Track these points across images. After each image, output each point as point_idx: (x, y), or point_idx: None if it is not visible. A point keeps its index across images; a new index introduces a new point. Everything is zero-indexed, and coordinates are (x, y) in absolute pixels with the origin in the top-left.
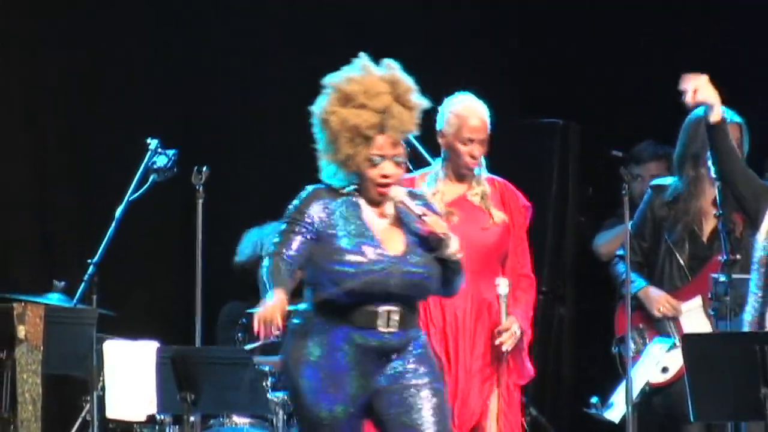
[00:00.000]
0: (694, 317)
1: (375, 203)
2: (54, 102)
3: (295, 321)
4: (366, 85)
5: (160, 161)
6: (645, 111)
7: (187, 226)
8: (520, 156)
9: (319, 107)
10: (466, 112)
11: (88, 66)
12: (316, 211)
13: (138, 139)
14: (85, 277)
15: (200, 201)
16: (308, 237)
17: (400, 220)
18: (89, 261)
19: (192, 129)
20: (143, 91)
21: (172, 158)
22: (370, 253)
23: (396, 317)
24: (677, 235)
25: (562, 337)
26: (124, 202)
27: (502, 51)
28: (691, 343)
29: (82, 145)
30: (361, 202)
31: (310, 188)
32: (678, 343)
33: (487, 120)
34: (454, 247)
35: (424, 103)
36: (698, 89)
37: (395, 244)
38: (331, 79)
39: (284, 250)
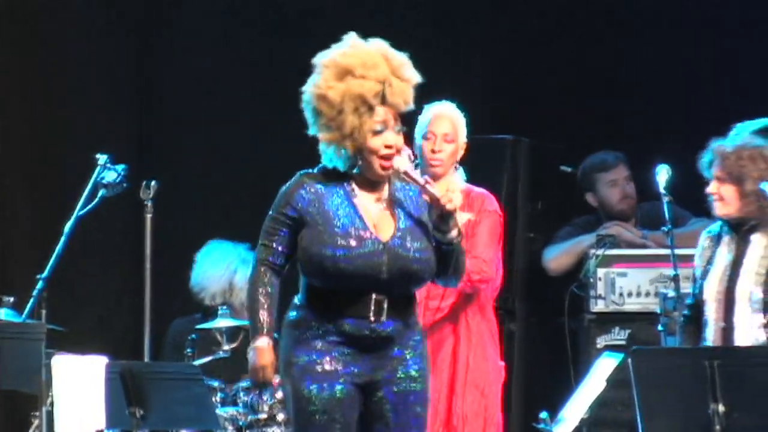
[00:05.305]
0: None
1: (370, 187)
2: (4, 116)
3: (291, 314)
4: (362, 57)
5: (109, 176)
6: (596, 126)
7: (136, 241)
8: (469, 171)
9: (312, 85)
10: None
11: (38, 80)
12: (303, 197)
13: (88, 153)
14: (34, 293)
15: (149, 216)
16: (294, 227)
17: (396, 206)
18: (38, 276)
19: (142, 144)
20: (94, 105)
21: (122, 173)
22: (360, 238)
23: (386, 306)
24: None
25: (511, 353)
26: (73, 218)
27: (453, 67)
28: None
29: (31, 161)
30: (355, 186)
31: (299, 174)
32: None
33: None
34: (455, 229)
35: (417, 77)
36: None
37: (387, 229)
38: (322, 57)
39: (269, 256)
